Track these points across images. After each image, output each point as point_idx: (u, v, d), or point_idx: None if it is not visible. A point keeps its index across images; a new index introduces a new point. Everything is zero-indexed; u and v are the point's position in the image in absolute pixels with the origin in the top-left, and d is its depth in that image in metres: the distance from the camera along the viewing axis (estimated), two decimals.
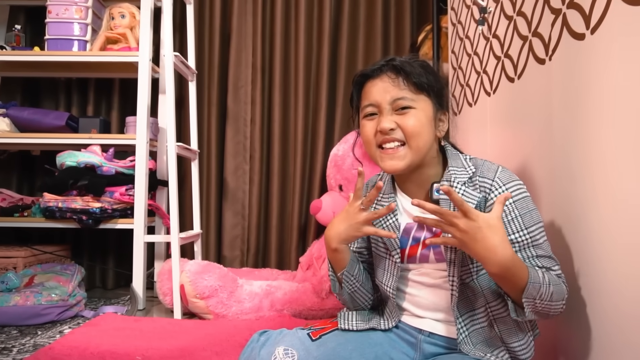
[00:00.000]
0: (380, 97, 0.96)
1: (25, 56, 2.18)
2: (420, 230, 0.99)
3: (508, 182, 0.92)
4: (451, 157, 0.99)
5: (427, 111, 0.96)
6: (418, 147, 0.94)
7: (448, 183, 0.94)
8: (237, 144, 2.51)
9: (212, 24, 2.52)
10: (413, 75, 0.94)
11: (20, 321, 1.73)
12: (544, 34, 1.13)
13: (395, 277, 0.99)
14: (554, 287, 0.86)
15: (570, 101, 1.01)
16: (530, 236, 0.90)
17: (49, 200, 2.05)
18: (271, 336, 0.99)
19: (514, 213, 0.91)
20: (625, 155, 0.81)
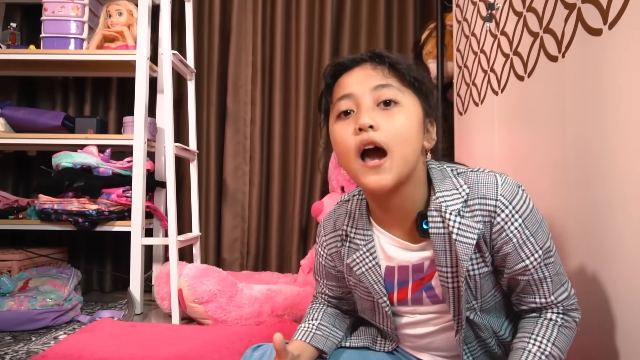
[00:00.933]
0: (357, 87, 0.76)
1: (20, 55, 2.14)
2: (403, 273, 0.84)
3: (513, 198, 0.77)
4: (436, 176, 0.81)
5: (416, 111, 0.77)
6: (404, 157, 0.74)
7: (438, 213, 0.78)
8: (236, 145, 2.46)
9: (211, 21, 2.48)
10: (400, 65, 0.77)
11: (14, 327, 1.68)
12: (556, 30, 1.08)
13: (389, 318, 0.87)
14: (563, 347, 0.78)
15: (585, 100, 0.97)
16: (544, 257, 0.78)
17: (45, 202, 2.01)
18: (266, 352, 0.89)
19: (526, 234, 0.77)
20: None
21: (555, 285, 0.80)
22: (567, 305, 0.80)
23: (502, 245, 0.78)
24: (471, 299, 0.81)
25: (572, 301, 0.81)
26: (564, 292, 0.81)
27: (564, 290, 0.81)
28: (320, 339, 0.91)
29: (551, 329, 0.78)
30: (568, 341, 0.79)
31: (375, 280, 0.84)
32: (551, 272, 0.79)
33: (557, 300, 0.80)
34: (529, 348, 0.76)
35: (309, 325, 0.93)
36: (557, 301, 0.80)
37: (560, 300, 0.80)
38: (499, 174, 0.80)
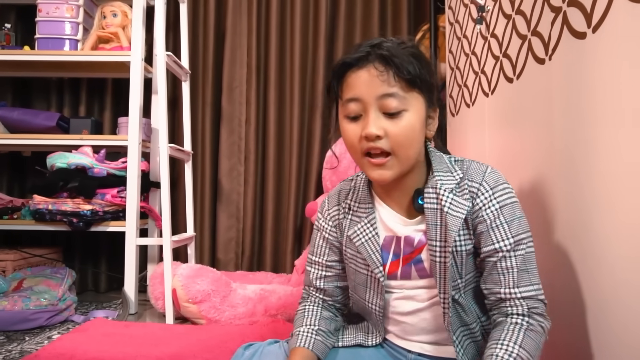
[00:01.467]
0: (365, 92, 0.80)
1: (15, 56, 2.14)
2: (397, 245, 0.89)
3: (496, 186, 0.84)
4: (435, 159, 0.88)
5: (420, 112, 0.83)
6: (407, 157, 0.83)
7: (434, 190, 0.85)
8: (231, 145, 2.47)
9: (206, 22, 2.49)
10: (405, 69, 0.79)
11: (8, 326, 1.69)
12: (543, 33, 1.09)
13: (380, 294, 0.90)
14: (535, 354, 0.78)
15: (571, 102, 0.98)
16: (514, 245, 0.82)
17: (39, 203, 2.01)
18: (257, 351, 0.92)
19: (500, 219, 0.83)
20: (630, 157, 0.78)
21: (521, 279, 0.81)
22: (532, 306, 0.81)
23: (477, 225, 0.84)
24: (456, 277, 0.85)
25: (537, 304, 0.82)
26: (530, 291, 0.81)
27: (531, 289, 0.82)
28: (320, 346, 0.92)
29: (517, 332, 0.79)
30: (536, 346, 0.78)
31: (373, 250, 0.89)
32: (519, 264, 0.82)
33: (522, 296, 0.81)
34: (496, 353, 0.77)
35: (308, 330, 0.93)
36: (521, 296, 0.81)
37: (525, 297, 0.81)
38: (490, 167, 0.87)
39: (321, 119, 2.43)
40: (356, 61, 0.82)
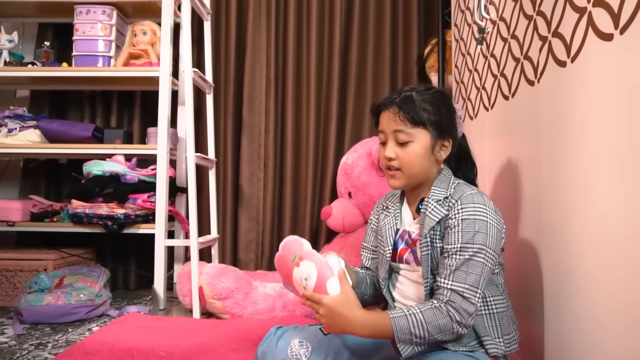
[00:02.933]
0: (386, 127, 1.13)
1: (55, 72, 2.33)
2: (409, 237, 1.16)
3: (466, 204, 1.05)
4: (439, 179, 1.14)
5: (424, 143, 1.10)
6: (411, 174, 1.11)
7: (427, 200, 1.12)
8: (251, 153, 2.63)
9: (227, 38, 2.65)
10: (411, 112, 1.09)
11: (53, 319, 1.86)
12: (533, 58, 1.23)
13: (385, 270, 1.18)
14: (431, 324, 0.98)
15: (555, 121, 1.12)
16: (460, 249, 1.02)
17: (77, 207, 2.19)
18: (287, 330, 1.15)
19: (458, 228, 1.04)
20: (604, 173, 0.92)
21: (455, 275, 1.01)
22: (452, 299, 1.00)
23: (445, 228, 1.07)
24: (434, 266, 1.08)
25: (458, 299, 0.99)
26: (459, 286, 1.00)
27: (460, 286, 1.00)
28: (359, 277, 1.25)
29: (426, 305, 1.01)
30: (435, 319, 0.98)
31: (389, 235, 1.19)
32: (458, 265, 1.02)
33: (450, 287, 1.01)
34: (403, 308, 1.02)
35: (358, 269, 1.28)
36: (449, 287, 1.01)
37: (452, 289, 1.00)
38: (477, 192, 1.09)
39: (335, 128, 2.57)
40: (383, 105, 1.15)
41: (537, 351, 1.20)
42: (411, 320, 0.98)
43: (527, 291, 1.26)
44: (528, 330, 1.24)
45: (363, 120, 2.60)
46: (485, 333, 1.06)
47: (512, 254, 1.32)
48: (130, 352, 1.44)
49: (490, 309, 1.07)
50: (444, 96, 1.14)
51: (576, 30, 1.00)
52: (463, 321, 0.99)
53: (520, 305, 1.27)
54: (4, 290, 2.19)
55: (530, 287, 1.24)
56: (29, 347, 1.56)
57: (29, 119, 2.37)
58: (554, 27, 1.10)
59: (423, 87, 1.14)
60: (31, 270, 2.19)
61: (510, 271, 1.25)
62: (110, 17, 2.37)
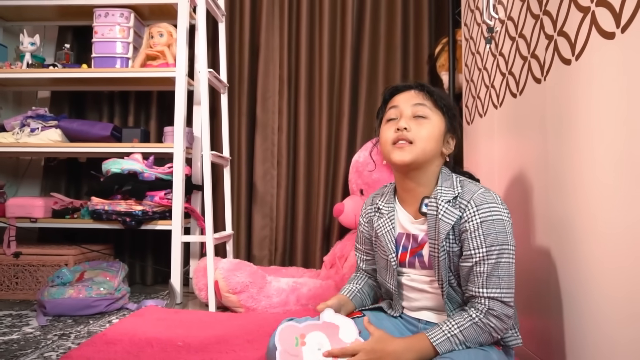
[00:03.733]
0: (403, 102, 1.11)
1: (74, 73, 2.40)
2: (407, 240, 1.14)
3: (480, 205, 1.04)
4: (442, 178, 1.12)
5: (440, 126, 1.11)
6: (424, 150, 1.08)
7: (435, 200, 1.08)
8: (265, 151, 2.68)
9: (241, 39, 2.71)
10: (434, 94, 1.11)
11: (74, 312, 1.93)
12: (540, 56, 1.26)
13: (394, 276, 1.15)
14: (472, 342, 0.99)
15: (561, 117, 1.15)
16: (486, 254, 1.01)
17: (97, 204, 2.26)
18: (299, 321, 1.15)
19: (479, 231, 1.02)
20: (608, 169, 0.95)
21: (490, 282, 1.01)
22: (491, 307, 1.00)
23: (462, 233, 1.05)
24: (449, 270, 1.07)
25: (497, 306, 1.00)
26: (495, 293, 1.00)
27: (497, 291, 1.00)
28: (358, 300, 1.24)
29: (465, 320, 1.00)
30: (476, 336, 1.00)
31: (389, 240, 1.15)
32: (488, 270, 1.01)
33: (487, 295, 1.00)
34: (442, 327, 1.01)
35: (353, 287, 1.26)
36: (487, 296, 1.00)
37: (490, 297, 1.00)
38: (485, 189, 1.07)
39: (347, 127, 2.61)
40: (402, 87, 1.15)
41: (546, 344, 1.23)
42: (454, 342, 0.98)
43: (536, 285, 1.29)
44: (538, 324, 1.27)
45: (375, 119, 2.63)
46: None
47: (520, 250, 1.35)
48: (150, 342, 1.50)
49: None
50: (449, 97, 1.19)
51: (580, 29, 1.03)
52: (504, 327, 1.00)
53: (529, 300, 1.30)
54: (27, 284, 2.27)
55: (539, 282, 1.27)
56: (52, 337, 1.63)
57: (50, 119, 2.45)
58: (560, 26, 1.13)
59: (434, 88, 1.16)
60: (53, 265, 2.27)
61: (518, 266, 1.28)
62: (128, 20, 2.44)
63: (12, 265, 2.28)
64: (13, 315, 1.94)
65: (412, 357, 0.98)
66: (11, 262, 2.27)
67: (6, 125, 2.49)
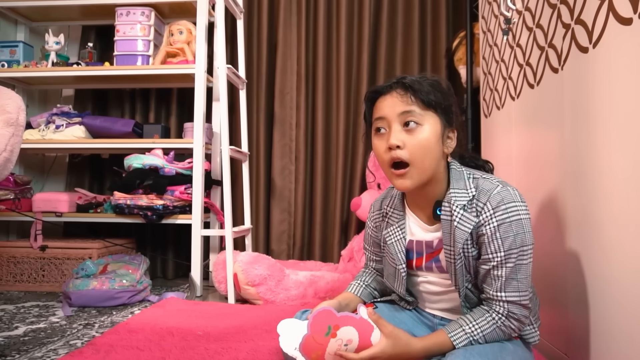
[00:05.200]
0: (389, 111, 0.99)
1: (98, 71, 2.46)
2: (420, 246, 1.09)
3: (498, 206, 0.97)
4: (453, 176, 1.03)
5: (435, 129, 0.99)
6: (424, 168, 0.98)
7: (449, 205, 1.02)
8: (283, 146, 2.71)
9: (259, 36, 2.74)
10: (421, 92, 0.98)
11: (98, 303, 1.98)
12: (557, 45, 1.25)
13: (403, 284, 1.11)
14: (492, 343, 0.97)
15: (578, 108, 1.14)
16: (505, 257, 0.97)
17: (119, 198, 2.32)
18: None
19: (496, 235, 0.97)
20: (628, 161, 0.93)
21: (508, 286, 0.98)
22: (512, 310, 0.98)
23: (479, 237, 1.01)
24: (467, 274, 1.04)
25: (517, 310, 0.98)
26: (514, 296, 0.98)
27: (516, 295, 0.98)
28: (367, 294, 1.22)
29: (488, 323, 0.98)
30: (497, 338, 0.98)
31: (399, 250, 1.10)
32: (507, 273, 0.98)
33: (506, 299, 0.98)
34: (464, 327, 0.98)
35: (360, 283, 1.24)
36: (506, 299, 0.98)
37: (509, 301, 0.98)
38: (501, 186, 1.00)
39: (365, 121, 2.61)
40: (382, 89, 1.03)
41: (567, 338, 1.22)
42: (475, 343, 0.97)
43: (555, 279, 1.28)
44: (558, 317, 1.26)
45: None
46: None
47: (539, 245, 1.33)
48: (170, 331, 1.53)
49: None
50: (446, 84, 1.05)
51: (598, 15, 1.03)
52: (522, 326, 1.00)
53: (549, 294, 1.29)
54: (53, 276, 2.34)
55: (558, 277, 1.26)
56: (77, 327, 1.68)
57: (74, 115, 2.51)
58: (577, 14, 1.13)
59: (422, 75, 1.04)
60: (77, 258, 2.33)
61: (538, 261, 1.27)
62: (148, 18, 2.48)
63: (38, 258, 2.34)
64: (40, 306, 2.00)
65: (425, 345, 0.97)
66: (38, 255, 2.34)
67: (32, 122, 2.56)
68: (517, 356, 0.99)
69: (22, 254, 2.35)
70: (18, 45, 2.61)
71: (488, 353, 0.94)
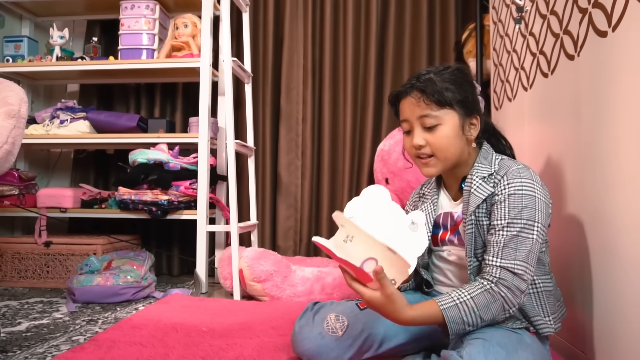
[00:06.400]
0: (409, 114, 1.09)
1: (102, 65, 2.43)
2: (446, 219, 1.16)
3: (513, 179, 1.02)
4: (481, 155, 1.12)
5: (453, 123, 1.07)
6: (445, 158, 1.08)
7: (471, 177, 1.09)
8: (289, 142, 2.67)
9: (265, 29, 2.70)
10: (435, 93, 1.05)
11: (102, 299, 1.96)
12: (573, 31, 1.21)
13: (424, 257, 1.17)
14: (483, 310, 0.95)
15: (596, 95, 1.10)
16: (507, 225, 0.99)
17: (124, 194, 2.29)
18: (324, 305, 1.17)
19: (505, 203, 1.01)
20: None
21: (505, 253, 0.98)
22: (503, 277, 0.97)
23: (492, 205, 1.05)
24: (480, 245, 1.06)
25: (508, 277, 0.96)
26: (508, 263, 0.97)
27: (511, 262, 0.97)
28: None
29: (476, 287, 0.97)
30: (486, 303, 0.96)
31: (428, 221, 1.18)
32: (506, 241, 0.99)
33: (499, 264, 0.97)
34: (451, 294, 0.98)
35: None
36: (499, 265, 0.97)
37: (502, 266, 0.97)
38: (523, 166, 1.05)
39: (372, 116, 2.58)
40: (403, 92, 1.12)
41: (580, 331, 1.18)
42: (463, 309, 0.95)
43: (568, 274, 1.24)
44: (570, 313, 1.21)
45: None
46: (534, 313, 1.04)
47: (554, 234, 1.30)
48: (174, 327, 1.50)
49: (538, 288, 1.06)
50: (463, 72, 1.10)
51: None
52: (515, 299, 0.96)
53: (560, 288, 1.25)
54: (57, 272, 2.32)
55: (572, 271, 1.22)
56: (81, 323, 1.65)
57: (78, 110, 2.49)
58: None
59: (441, 67, 1.11)
60: (82, 255, 2.31)
61: (552, 251, 1.23)
62: (153, 12, 2.46)
63: (43, 254, 2.33)
64: (44, 302, 1.98)
65: (414, 315, 0.96)
66: (42, 251, 2.33)
67: (37, 117, 2.54)
68: (534, 350, 0.97)
69: (27, 250, 2.34)
70: (23, 40, 2.59)
71: (507, 344, 0.92)
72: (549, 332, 1.04)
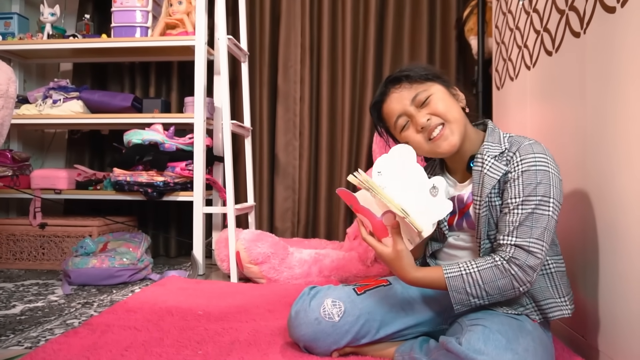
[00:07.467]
0: (401, 106, 1.07)
1: (94, 43, 2.38)
2: (460, 201, 1.11)
3: (526, 155, 1.00)
4: (490, 133, 1.09)
5: (441, 89, 1.07)
6: (456, 119, 1.04)
7: (481, 156, 1.05)
8: (287, 122, 2.63)
9: (262, 6, 2.63)
10: (411, 74, 1.07)
11: (98, 281, 1.94)
12: (579, 7, 1.16)
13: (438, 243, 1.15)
14: (489, 284, 0.94)
15: (602, 74, 1.06)
16: (522, 202, 0.97)
17: (119, 175, 2.26)
18: (320, 290, 1.14)
19: (519, 180, 0.98)
20: None
21: (520, 232, 0.96)
22: (515, 255, 0.95)
23: (505, 183, 1.02)
24: (492, 227, 1.03)
25: (522, 255, 0.94)
26: (523, 241, 0.95)
27: (526, 240, 0.95)
28: None
29: (486, 261, 0.97)
30: (494, 279, 0.95)
31: None
32: (521, 219, 0.96)
33: (514, 243, 0.95)
34: (459, 264, 0.98)
35: None
36: (513, 243, 0.95)
37: (516, 244, 0.95)
38: (533, 143, 1.02)
39: (371, 95, 2.53)
40: (380, 97, 1.11)
41: (581, 315, 1.16)
42: (467, 280, 0.95)
43: (571, 252, 1.21)
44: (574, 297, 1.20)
45: None
46: (545, 296, 1.02)
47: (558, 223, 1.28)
48: (170, 311, 1.49)
49: (551, 269, 1.04)
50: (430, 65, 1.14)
51: None
52: (526, 277, 0.94)
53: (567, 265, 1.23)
54: (53, 254, 2.30)
55: (575, 253, 1.20)
56: (76, 305, 1.64)
57: (72, 90, 2.44)
58: None
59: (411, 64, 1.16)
60: (77, 236, 2.29)
61: None
62: None
63: (38, 236, 2.30)
64: (40, 284, 1.96)
65: (419, 276, 0.99)
66: (37, 233, 2.30)
67: (29, 97, 2.49)
68: (535, 337, 0.95)
69: (22, 231, 2.32)
70: (13, 17, 2.53)
71: (507, 331, 0.91)
72: (563, 315, 1.02)
